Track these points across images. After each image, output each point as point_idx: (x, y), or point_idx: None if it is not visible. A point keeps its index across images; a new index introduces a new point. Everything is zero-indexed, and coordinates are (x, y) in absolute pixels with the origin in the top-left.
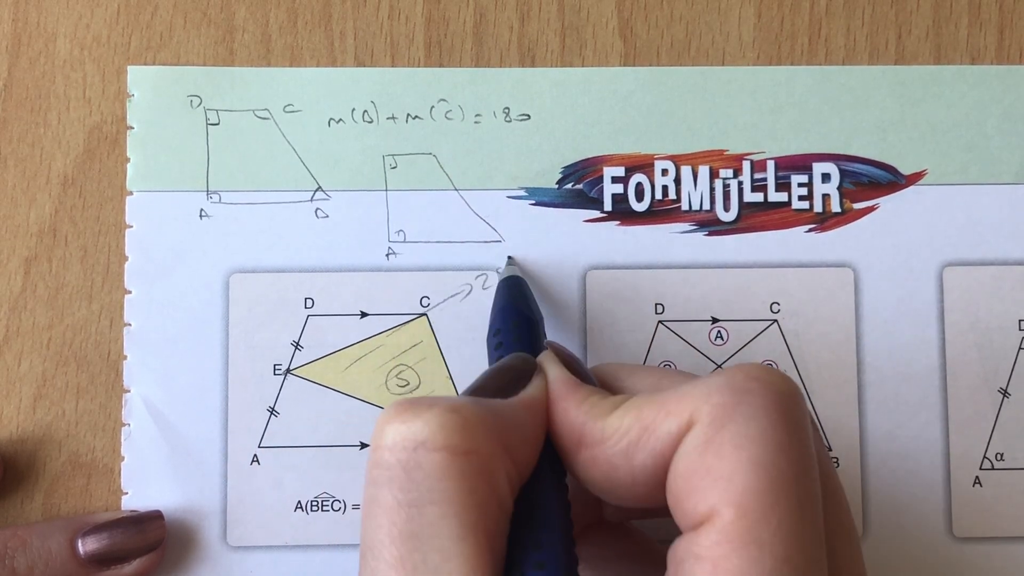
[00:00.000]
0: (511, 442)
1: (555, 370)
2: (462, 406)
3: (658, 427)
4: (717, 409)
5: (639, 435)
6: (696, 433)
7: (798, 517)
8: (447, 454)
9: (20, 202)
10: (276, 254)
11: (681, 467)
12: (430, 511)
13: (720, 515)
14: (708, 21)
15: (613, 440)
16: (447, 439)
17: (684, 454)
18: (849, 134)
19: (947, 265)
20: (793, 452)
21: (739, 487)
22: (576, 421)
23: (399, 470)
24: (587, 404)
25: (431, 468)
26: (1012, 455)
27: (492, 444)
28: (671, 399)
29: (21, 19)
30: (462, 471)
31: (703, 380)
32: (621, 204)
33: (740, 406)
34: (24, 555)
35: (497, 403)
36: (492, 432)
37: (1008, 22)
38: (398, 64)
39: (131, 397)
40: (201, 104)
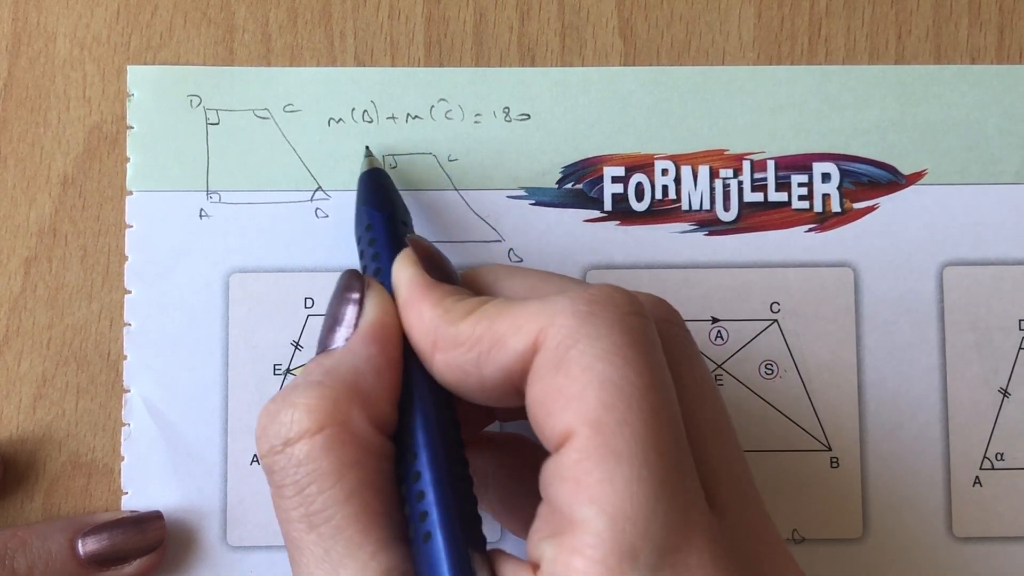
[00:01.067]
0: (364, 388)
1: (408, 271)
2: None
3: (507, 342)
4: (563, 331)
5: (489, 347)
6: (545, 356)
7: (652, 424)
8: (307, 439)
9: (20, 202)
10: (276, 254)
11: (535, 392)
12: (311, 491)
13: (576, 434)
14: (708, 21)
15: (464, 348)
16: (302, 427)
17: (536, 379)
18: (849, 134)
19: (947, 265)
20: (639, 364)
21: (590, 405)
22: (430, 324)
23: (279, 470)
24: (441, 307)
25: (300, 457)
26: (1012, 455)
27: (343, 407)
28: (520, 314)
29: (21, 19)
30: (324, 446)
31: (551, 299)
32: (621, 204)
33: (584, 327)
34: (24, 555)
35: (337, 359)
36: (340, 396)
37: (1008, 22)
38: (398, 64)
39: (131, 397)
40: (201, 104)
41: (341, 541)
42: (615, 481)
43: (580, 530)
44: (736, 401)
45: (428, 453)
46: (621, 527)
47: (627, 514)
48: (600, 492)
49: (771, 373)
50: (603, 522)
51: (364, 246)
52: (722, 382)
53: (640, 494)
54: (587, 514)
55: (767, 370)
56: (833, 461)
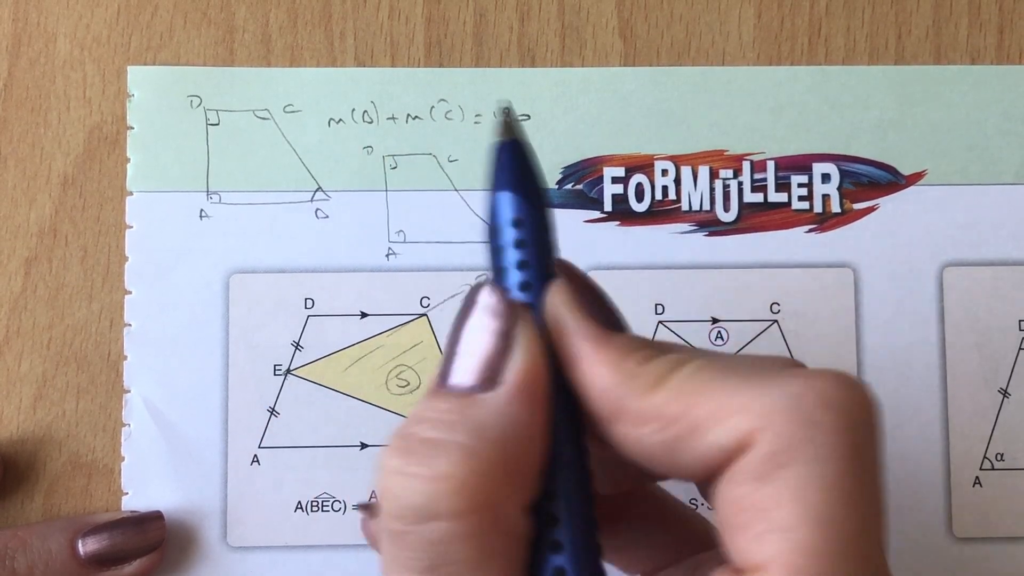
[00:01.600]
0: (513, 461)
1: (569, 313)
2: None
3: (708, 432)
4: (780, 440)
5: (686, 433)
6: (752, 461)
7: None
8: (450, 521)
9: (20, 202)
10: (276, 254)
11: (732, 496)
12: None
13: (770, 571)
14: (708, 21)
15: (655, 426)
16: (445, 508)
17: (737, 482)
18: (849, 134)
19: (947, 265)
20: (863, 502)
21: (797, 544)
22: (610, 392)
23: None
24: (623, 370)
25: (436, 537)
26: (1012, 455)
27: (493, 489)
28: (729, 401)
29: (21, 19)
30: (469, 532)
31: (768, 390)
32: (621, 204)
33: (807, 442)
34: (24, 555)
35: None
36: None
37: (1008, 22)
38: (398, 64)
39: (131, 397)
40: (201, 104)
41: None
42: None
43: None
44: None
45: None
46: None
47: None
48: None
49: None
50: None
51: (505, 244)
52: None
53: None
54: None
55: None
56: None
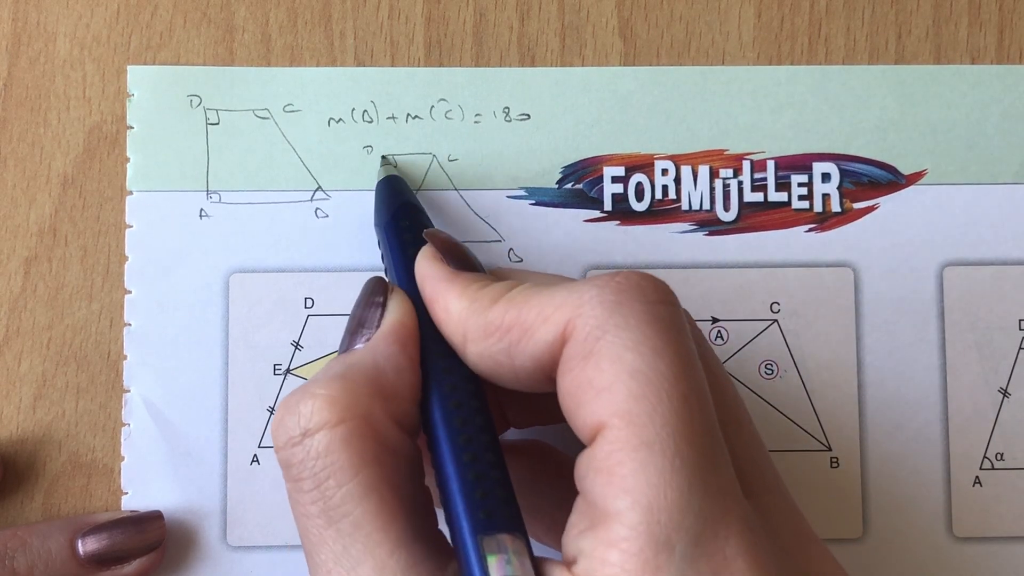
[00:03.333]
0: (384, 385)
1: (430, 265)
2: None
3: (535, 332)
4: (591, 321)
5: (519, 337)
6: (573, 348)
7: (683, 413)
8: (325, 432)
9: (20, 202)
10: (276, 254)
11: (566, 384)
12: (329, 486)
13: (608, 426)
14: (708, 21)
15: (495, 338)
16: (320, 419)
17: (566, 370)
18: (849, 134)
19: (947, 265)
20: (668, 353)
21: (621, 396)
22: (459, 316)
23: (296, 464)
24: (466, 296)
25: (317, 450)
26: (1012, 455)
27: (364, 402)
28: (548, 303)
29: (21, 19)
30: (343, 439)
31: (578, 287)
32: (621, 204)
33: (612, 317)
34: (24, 555)
35: (358, 355)
36: (360, 390)
37: (1008, 22)
38: (398, 64)
39: (131, 397)
40: (201, 104)
41: (360, 538)
42: (648, 472)
43: (615, 522)
44: None
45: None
46: (656, 518)
47: (662, 505)
48: (633, 484)
49: (771, 373)
50: (638, 514)
51: (384, 250)
52: None
53: (674, 484)
54: (621, 506)
55: (767, 370)
56: (833, 461)
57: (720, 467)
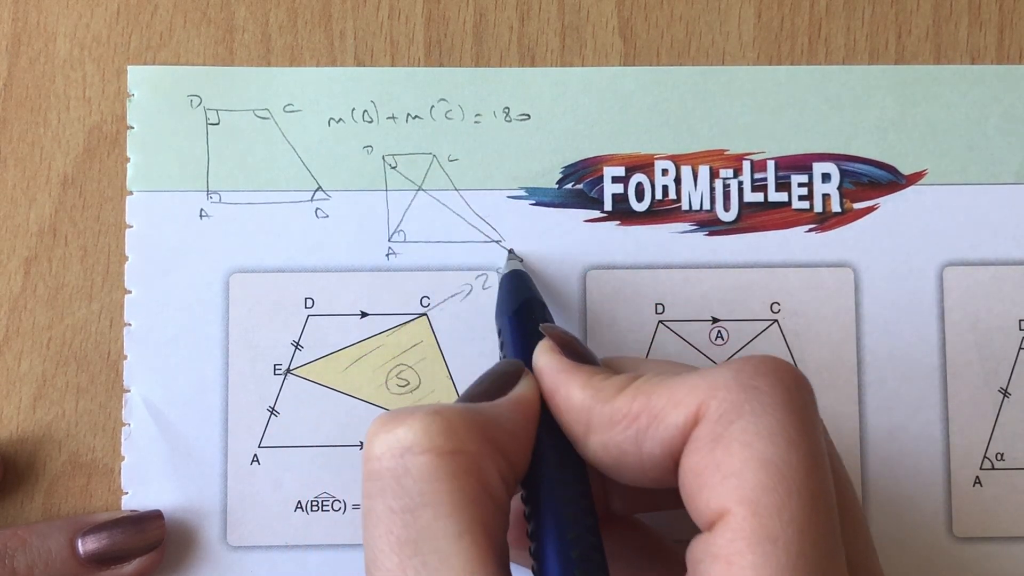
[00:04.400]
0: (500, 440)
1: (549, 358)
2: (444, 409)
3: (666, 416)
4: (725, 404)
5: (648, 423)
6: (704, 429)
7: (810, 511)
8: (433, 455)
9: (20, 202)
10: (276, 254)
11: (691, 464)
12: (423, 514)
13: (732, 513)
14: (708, 21)
15: (622, 426)
16: (431, 441)
17: (693, 450)
18: (849, 134)
19: (947, 265)
20: (803, 446)
21: (749, 484)
22: (582, 405)
23: (389, 478)
24: (591, 386)
25: (419, 472)
26: (1012, 455)
27: (478, 443)
28: (679, 388)
29: (21, 19)
30: (451, 471)
31: (712, 371)
32: (621, 204)
33: (748, 403)
34: (24, 555)
35: (482, 405)
36: (477, 431)
37: (1008, 22)
38: (398, 64)
39: (131, 397)
40: (201, 104)
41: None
42: (770, 567)
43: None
44: None
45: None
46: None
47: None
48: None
49: None
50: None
51: (505, 340)
52: None
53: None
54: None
55: None
56: None
57: (841, 564)
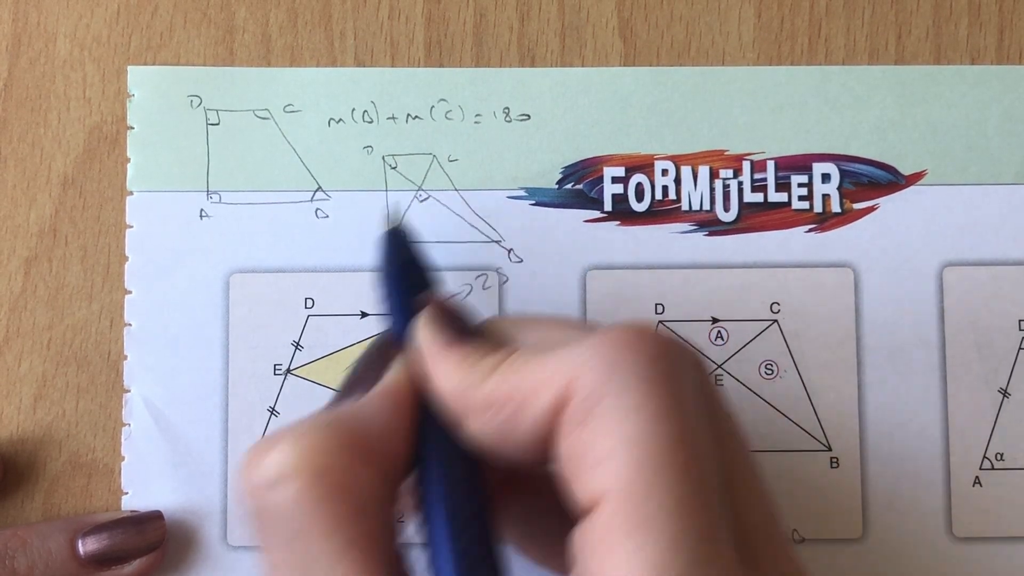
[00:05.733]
0: (371, 443)
1: (425, 334)
2: (307, 430)
3: (535, 400)
4: (589, 384)
5: (517, 408)
6: (571, 411)
7: (683, 487)
8: (300, 484)
9: (20, 202)
10: (276, 254)
11: (562, 450)
12: (302, 543)
13: (605, 500)
14: (708, 21)
15: (492, 411)
16: (296, 468)
17: (563, 435)
18: (849, 134)
19: (947, 265)
20: (668, 420)
21: (618, 469)
22: (455, 388)
23: (265, 515)
24: (462, 369)
25: (288, 503)
26: (1012, 455)
27: (346, 456)
28: (546, 366)
29: (21, 19)
30: (319, 495)
31: (577, 348)
32: (621, 204)
33: (613, 377)
34: (24, 555)
35: (350, 410)
36: (344, 444)
37: (1008, 22)
38: (398, 64)
39: (131, 397)
40: (201, 104)
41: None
42: (646, 551)
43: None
44: (736, 401)
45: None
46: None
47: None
48: (631, 563)
49: (771, 373)
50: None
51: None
52: (722, 382)
53: (673, 564)
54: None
55: (767, 370)
56: (833, 461)
57: (721, 543)
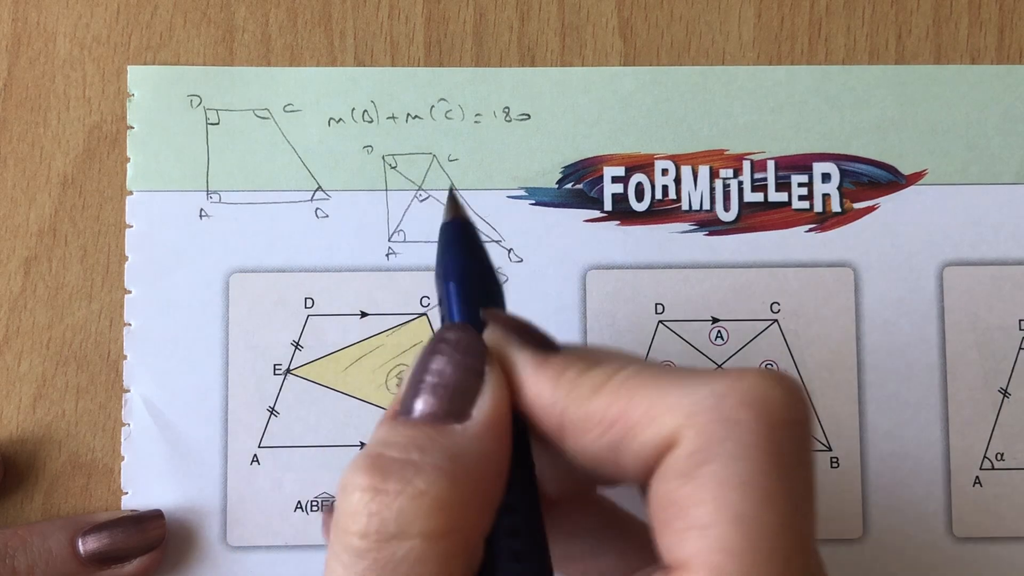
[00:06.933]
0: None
1: (515, 352)
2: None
3: (642, 432)
4: (702, 438)
5: (623, 434)
6: (677, 460)
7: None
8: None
9: (20, 202)
10: (276, 254)
11: (660, 493)
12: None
13: (694, 569)
14: (708, 21)
15: (596, 432)
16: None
17: (664, 479)
18: (849, 134)
19: (947, 265)
20: (781, 498)
21: (715, 542)
22: (555, 407)
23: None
24: (563, 384)
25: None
26: (1012, 455)
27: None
28: (658, 402)
29: (21, 19)
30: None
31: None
32: (621, 204)
33: (727, 440)
34: (24, 554)
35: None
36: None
37: (1008, 22)
38: (398, 64)
39: (131, 397)
40: (201, 104)
41: None
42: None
43: None
44: None
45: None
46: None
47: None
48: None
49: None
50: None
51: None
52: None
53: None
54: None
55: None
56: (833, 461)
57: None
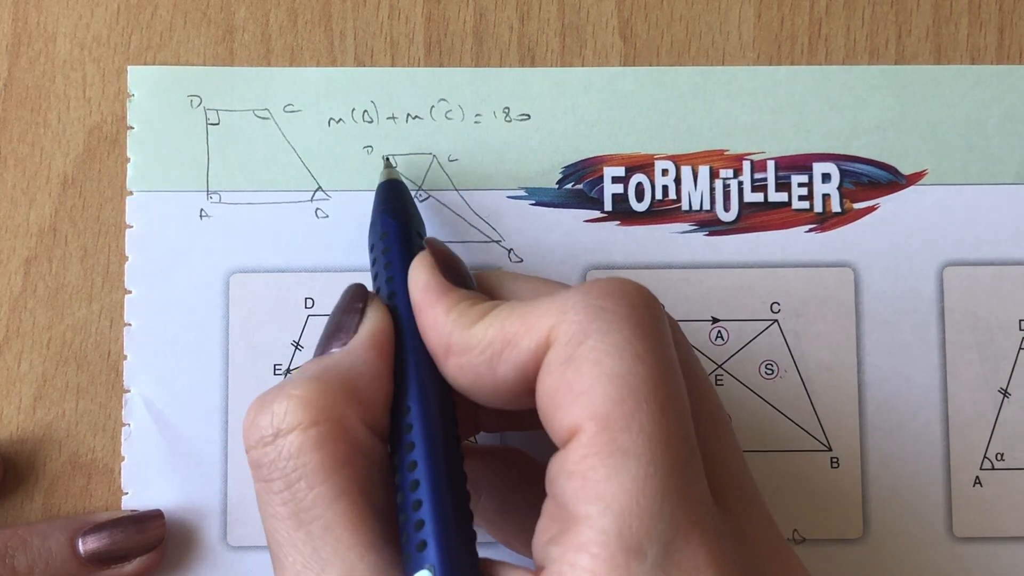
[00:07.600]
0: (360, 390)
1: (423, 275)
2: (301, 383)
3: (519, 342)
4: (574, 326)
5: (501, 348)
6: (555, 351)
7: (660, 420)
8: (298, 433)
9: (20, 202)
10: (276, 254)
11: (545, 386)
12: (300, 488)
13: (584, 429)
14: (708, 21)
15: (477, 351)
16: (295, 420)
17: (546, 373)
18: (849, 134)
19: (947, 265)
20: (650, 358)
21: (598, 400)
22: (444, 330)
23: (266, 464)
24: (455, 312)
25: (289, 451)
26: (1012, 455)
27: (339, 406)
28: (532, 313)
29: (21, 19)
30: (316, 442)
31: (562, 296)
32: (621, 204)
33: (596, 322)
34: (24, 554)
35: (336, 357)
36: (336, 393)
37: (1008, 22)
38: (398, 64)
39: (131, 397)
40: (201, 104)
41: (330, 541)
42: (622, 478)
43: (586, 527)
44: (736, 401)
45: (427, 461)
46: (628, 524)
47: (634, 511)
48: (607, 489)
49: (771, 373)
50: (609, 519)
51: (377, 254)
52: (722, 382)
53: (647, 491)
54: (593, 511)
55: (767, 370)
56: (833, 461)
57: (694, 476)
